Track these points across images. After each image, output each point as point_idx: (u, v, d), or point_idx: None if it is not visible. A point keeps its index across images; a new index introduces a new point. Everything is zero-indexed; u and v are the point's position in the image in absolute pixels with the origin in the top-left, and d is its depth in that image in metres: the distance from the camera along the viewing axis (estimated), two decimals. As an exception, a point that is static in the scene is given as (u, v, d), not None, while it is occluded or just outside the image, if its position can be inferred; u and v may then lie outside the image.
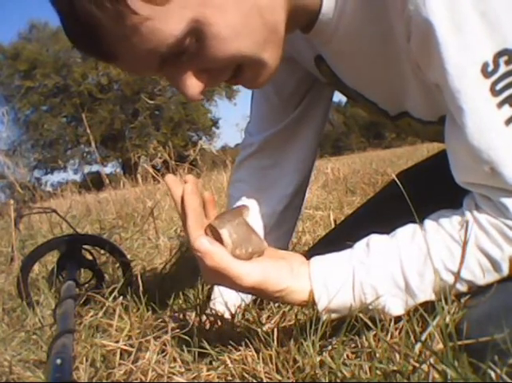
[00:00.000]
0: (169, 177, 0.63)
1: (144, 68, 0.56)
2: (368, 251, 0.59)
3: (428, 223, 0.59)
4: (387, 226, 0.61)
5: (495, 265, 0.55)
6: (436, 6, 0.49)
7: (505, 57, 0.50)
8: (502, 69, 0.50)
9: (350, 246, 0.62)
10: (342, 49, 0.64)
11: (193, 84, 0.56)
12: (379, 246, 0.59)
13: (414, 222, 0.60)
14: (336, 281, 0.58)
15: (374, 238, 0.61)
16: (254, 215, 0.89)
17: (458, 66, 0.50)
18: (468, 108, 0.51)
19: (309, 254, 0.63)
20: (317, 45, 0.69)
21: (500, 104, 0.51)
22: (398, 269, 0.57)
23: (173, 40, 0.51)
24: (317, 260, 0.61)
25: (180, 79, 0.56)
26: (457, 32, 0.49)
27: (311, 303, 0.59)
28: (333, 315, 0.60)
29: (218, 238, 0.57)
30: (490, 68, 0.50)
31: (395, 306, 0.58)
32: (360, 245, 0.61)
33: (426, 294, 0.58)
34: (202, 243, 0.55)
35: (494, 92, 0.50)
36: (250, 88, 0.63)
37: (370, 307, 0.58)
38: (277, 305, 0.81)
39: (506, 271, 0.56)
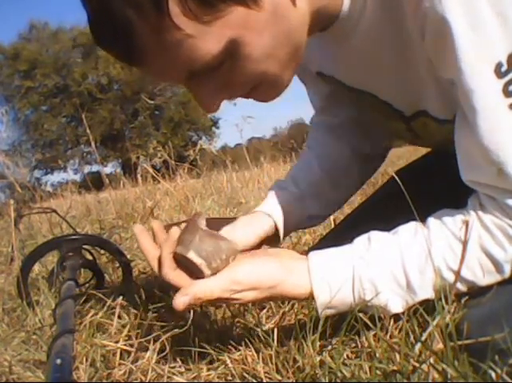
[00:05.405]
0: (137, 227, 0.64)
1: (170, 78, 0.56)
2: (368, 247, 0.59)
3: (432, 221, 0.59)
4: (386, 224, 0.61)
5: (497, 266, 0.55)
6: (452, 4, 0.49)
7: None
8: None
9: (350, 242, 0.61)
10: (361, 49, 0.63)
11: (214, 99, 0.57)
12: (380, 242, 0.59)
13: (412, 220, 0.60)
14: (336, 277, 0.58)
15: (375, 234, 0.60)
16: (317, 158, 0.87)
17: (472, 65, 0.50)
18: (480, 107, 0.51)
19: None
20: (330, 46, 0.68)
21: None
22: (399, 265, 0.57)
23: (209, 58, 0.51)
24: (316, 255, 0.61)
25: (203, 93, 0.56)
26: (472, 30, 0.49)
27: (310, 298, 0.59)
28: (331, 311, 0.59)
29: (190, 263, 0.57)
30: (504, 68, 0.49)
31: (395, 303, 0.58)
32: (361, 240, 0.61)
33: (426, 292, 0.57)
34: (183, 303, 0.57)
35: (507, 93, 0.50)
36: (261, 101, 0.64)
37: (369, 304, 0.58)
38: (277, 305, 0.81)
39: (507, 273, 0.56)
